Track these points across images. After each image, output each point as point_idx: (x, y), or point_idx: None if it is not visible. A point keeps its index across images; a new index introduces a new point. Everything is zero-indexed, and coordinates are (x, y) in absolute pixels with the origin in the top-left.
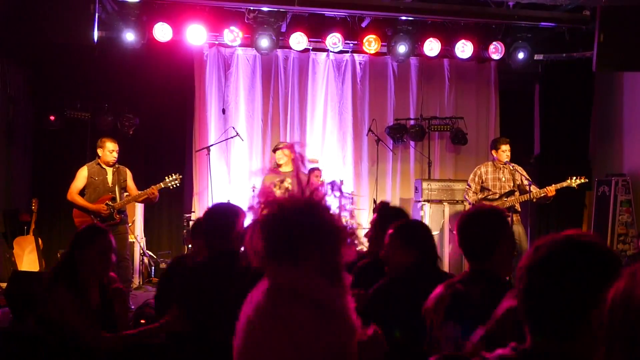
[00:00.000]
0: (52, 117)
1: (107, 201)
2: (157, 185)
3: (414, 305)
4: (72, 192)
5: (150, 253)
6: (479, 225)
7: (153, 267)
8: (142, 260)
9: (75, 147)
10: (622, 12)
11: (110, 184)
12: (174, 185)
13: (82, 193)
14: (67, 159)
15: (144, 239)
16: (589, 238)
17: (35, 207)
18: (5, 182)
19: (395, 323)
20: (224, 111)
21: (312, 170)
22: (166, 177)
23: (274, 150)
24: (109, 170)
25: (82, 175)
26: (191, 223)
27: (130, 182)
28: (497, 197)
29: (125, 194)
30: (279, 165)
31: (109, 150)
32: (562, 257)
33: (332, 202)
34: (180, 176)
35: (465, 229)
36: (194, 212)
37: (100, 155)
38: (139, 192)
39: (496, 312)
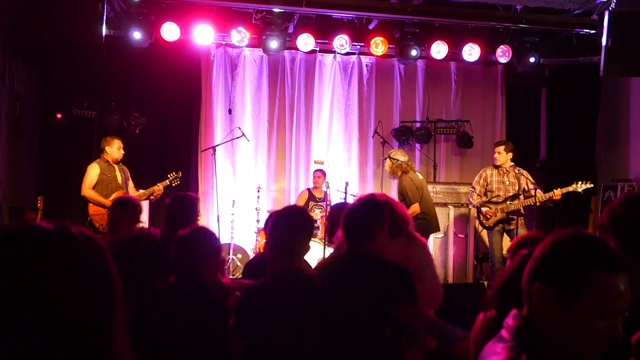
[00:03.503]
0: (58, 115)
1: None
2: (163, 182)
3: None
4: (86, 188)
5: None
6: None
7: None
8: None
9: (81, 145)
10: (630, 17)
11: (120, 181)
12: (176, 183)
13: None
14: (73, 157)
15: None
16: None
17: (41, 205)
18: (11, 180)
19: None
20: (230, 111)
21: (315, 171)
22: (169, 175)
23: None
24: (116, 168)
25: (94, 172)
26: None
27: (130, 180)
28: (501, 200)
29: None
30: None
31: (117, 147)
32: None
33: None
34: (180, 173)
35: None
36: (198, 212)
37: (108, 152)
38: (141, 190)
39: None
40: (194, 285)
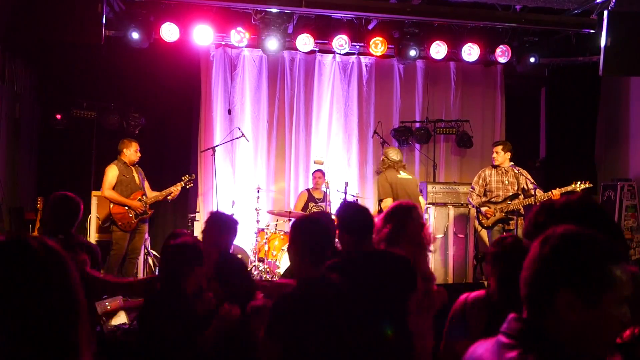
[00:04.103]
0: (58, 116)
1: (139, 197)
2: (179, 183)
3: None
4: (107, 189)
5: (154, 252)
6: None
7: (157, 267)
8: (146, 259)
9: (81, 146)
10: (629, 17)
11: (137, 182)
12: (190, 185)
13: None
14: (73, 157)
15: (148, 238)
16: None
17: (41, 206)
18: (10, 180)
19: None
20: (229, 112)
21: (314, 172)
22: (183, 178)
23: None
24: (133, 169)
25: (112, 174)
26: (196, 223)
27: (145, 181)
28: (500, 200)
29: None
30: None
31: (134, 150)
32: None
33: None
34: (193, 175)
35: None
36: (198, 212)
37: (126, 154)
38: (156, 192)
39: None
40: (175, 295)
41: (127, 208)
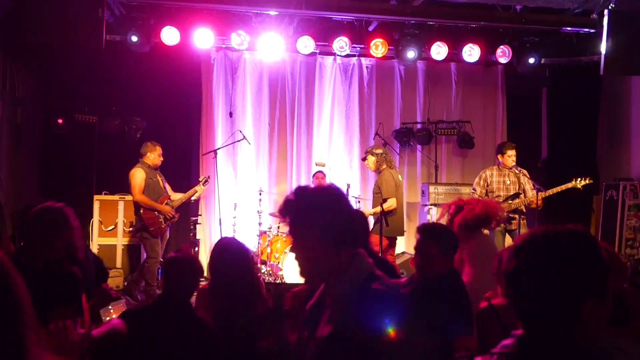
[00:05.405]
0: (59, 121)
1: (166, 201)
2: (198, 185)
3: None
4: (139, 193)
5: None
6: None
7: (159, 270)
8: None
9: (82, 150)
10: (630, 16)
11: (161, 185)
12: (206, 185)
13: None
14: (75, 162)
15: None
16: (568, 235)
17: None
18: (13, 185)
19: None
20: (231, 114)
21: (315, 173)
22: (200, 179)
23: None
24: (157, 173)
25: (140, 176)
26: (198, 227)
27: (167, 184)
28: (502, 200)
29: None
30: None
31: (158, 153)
32: (544, 260)
33: None
34: (209, 176)
35: None
36: (200, 215)
37: (150, 158)
38: (180, 194)
39: None
40: (178, 305)
41: (156, 213)
